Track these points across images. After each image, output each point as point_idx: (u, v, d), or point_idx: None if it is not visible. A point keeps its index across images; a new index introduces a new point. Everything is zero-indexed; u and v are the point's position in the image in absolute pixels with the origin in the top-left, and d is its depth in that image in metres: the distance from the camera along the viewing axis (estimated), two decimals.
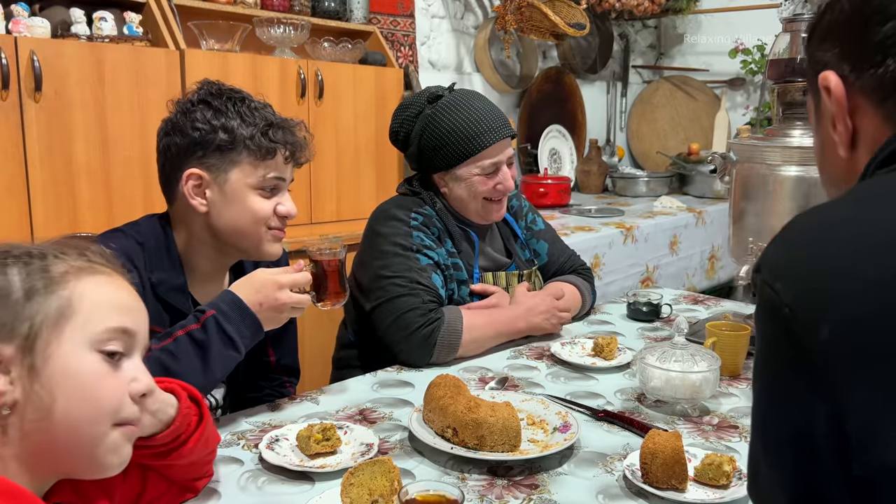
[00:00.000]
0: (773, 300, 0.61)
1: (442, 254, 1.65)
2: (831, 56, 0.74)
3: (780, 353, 0.62)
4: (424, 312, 1.51)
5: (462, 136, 1.63)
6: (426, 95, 1.70)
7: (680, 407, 1.31)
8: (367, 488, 0.95)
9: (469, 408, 1.12)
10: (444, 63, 3.48)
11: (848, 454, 0.56)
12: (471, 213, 1.72)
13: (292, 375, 1.54)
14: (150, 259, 1.27)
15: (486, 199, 1.69)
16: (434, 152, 1.67)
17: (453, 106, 1.66)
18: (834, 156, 0.77)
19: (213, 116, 1.25)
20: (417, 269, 1.57)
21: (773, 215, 1.57)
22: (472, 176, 1.66)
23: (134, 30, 2.18)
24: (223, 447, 1.15)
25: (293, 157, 1.32)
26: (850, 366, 0.56)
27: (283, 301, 1.21)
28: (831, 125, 0.76)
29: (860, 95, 0.72)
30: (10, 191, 1.90)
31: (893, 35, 0.68)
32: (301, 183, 2.46)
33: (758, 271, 0.65)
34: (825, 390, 0.57)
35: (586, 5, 3.55)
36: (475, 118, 1.64)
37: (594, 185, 4.02)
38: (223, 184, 1.27)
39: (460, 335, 1.52)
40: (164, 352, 1.13)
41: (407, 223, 1.63)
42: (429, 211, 1.68)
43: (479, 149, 1.64)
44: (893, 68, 0.68)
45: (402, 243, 1.59)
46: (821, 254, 0.61)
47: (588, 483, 1.06)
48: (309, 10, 2.70)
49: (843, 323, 0.57)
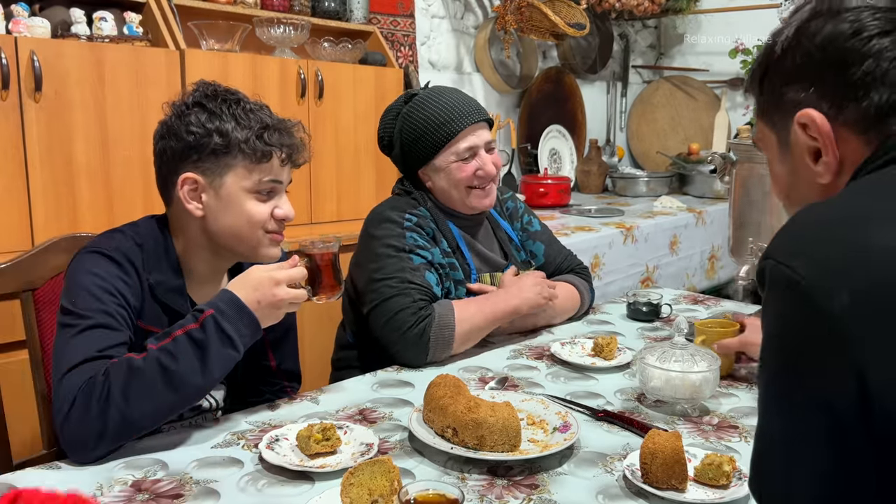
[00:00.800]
0: (789, 277, 0.64)
1: (436, 253, 1.65)
2: (806, 96, 0.80)
3: (800, 327, 0.64)
4: (415, 311, 1.51)
5: (434, 124, 1.65)
6: (403, 97, 1.74)
7: (680, 407, 1.31)
8: (367, 488, 0.95)
9: (469, 408, 1.12)
10: (444, 63, 3.48)
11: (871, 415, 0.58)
12: (457, 203, 1.72)
13: (293, 380, 1.54)
14: (148, 260, 1.27)
15: (469, 188, 1.69)
16: (412, 147, 1.69)
17: (426, 99, 1.69)
18: (809, 183, 0.84)
19: (208, 119, 1.24)
20: (410, 268, 1.57)
21: (773, 215, 1.57)
22: (450, 164, 1.66)
23: (134, 30, 2.18)
24: (223, 447, 1.16)
25: (290, 159, 1.31)
26: (873, 326, 0.59)
27: (281, 297, 1.21)
28: (810, 157, 0.82)
29: (843, 128, 0.79)
30: (10, 191, 1.90)
31: (873, 71, 0.75)
32: (301, 183, 2.46)
33: (767, 258, 0.68)
34: (848, 353, 0.60)
35: (586, 5, 3.55)
36: (446, 106, 1.67)
37: (594, 185, 4.02)
38: (219, 188, 1.26)
39: (453, 327, 1.52)
40: (163, 352, 1.13)
41: (400, 224, 1.63)
42: (423, 212, 1.68)
43: (451, 134, 1.65)
44: (877, 100, 0.76)
45: (396, 244, 1.59)
46: (831, 232, 0.66)
47: (588, 483, 1.06)
48: (309, 10, 2.70)
49: (861, 288, 0.61)
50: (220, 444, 1.17)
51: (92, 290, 1.19)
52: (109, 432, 1.08)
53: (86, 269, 1.22)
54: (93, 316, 1.17)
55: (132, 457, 1.11)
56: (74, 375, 1.11)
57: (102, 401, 1.08)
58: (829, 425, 0.61)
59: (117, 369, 1.10)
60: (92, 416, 1.08)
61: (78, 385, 1.09)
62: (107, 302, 1.19)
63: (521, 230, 1.90)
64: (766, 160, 1.57)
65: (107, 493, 1.01)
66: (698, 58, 4.60)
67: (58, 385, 1.12)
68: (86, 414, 1.08)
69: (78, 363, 1.12)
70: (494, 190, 1.74)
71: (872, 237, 0.63)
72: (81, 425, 1.08)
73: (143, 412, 1.10)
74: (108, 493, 1.01)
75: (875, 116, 0.76)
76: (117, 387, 1.09)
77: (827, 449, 0.61)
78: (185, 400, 1.15)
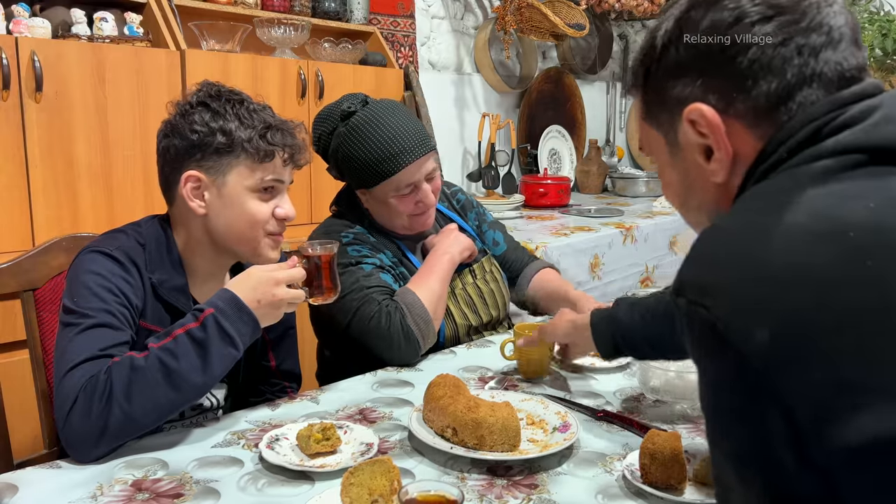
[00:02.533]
0: (705, 318, 0.61)
1: (385, 258, 1.63)
2: (692, 90, 0.76)
3: (722, 369, 0.61)
4: (386, 313, 1.50)
5: (374, 158, 1.55)
6: (339, 112, 1.61)
7: (679, 407, 1.31)
8: (367, 488, 0.95)
9: (469, 407, 1.12)
10: (444, 63, 3.48)
11: (807, 447, 0.55)
12: (395, 227, 1.67)
13: (293, 381, 1.54)
14: (150, 259, 1.28)
15: (409, 215, 1.64)
16: (349, 172, 1.62)
17: (365, 125, 1.57)
18: (703, 184, 0.79)
19: (212, 119, 1.25)
20: (363, 276, 1.55)
21: None
22: (388, 197, 1.60)
23: (134, 30, 2.18)
24: (223, 447, 1.16)
25: (292, 159, 1.31)
26: (795, 357, 0.56)
27: (280, 297, 1.21)
28: (701, 155, 0.77)
29: (733, 121, 0.74)
30: (11, 191, 1.90)
31: (759, 59, 0.72)
32: (301, 183, 2.47)
33: (679, 294, 0.64)
34: (772, 391, 0.56)
35: (586, 6, 3.56)
36: (388, 138, 1.55)
37: (594, 185, 4.02)
38: (221, 186, 1.27)
39: (424, 306, 1.52)
40: (164, 350, 1.13)
41: (340, 241, 1.53)
42: (359, 229, 1.65)
43: (392, 172, 1.56)
44: (765, 89, 0.72)
45: (341, 262, 1.54)
46: (740, 262, 0.61)
47: (587, 483, 1.06)
48: (309, 11, 2.70)
49: (779, 321, 0.57)
50: (221, 443, 1.17)
51: (94, 289, 1.20)
52: (111, 431, 1.09)
53: (88, 269, 1.22)
54: (95, 315, 1.17)
55: (132, 456, 1.11)
56: (76, 374, 1.11)
57: (104, 399, 1.08)
58: (768, 463, 0.58)
59: (119, 368, 1.11)
60: (94, 414, 1.08)
61: (79, 384, 1.10)
62: (109, 301, 1.20)
63: (476, 220, 1.89)
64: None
65: (107, 492, 1.02)
66: None
67: (59, 384, 1.12)
68: (87, 412, 1.08)
69: (80, 362, 1.12)
70: (433, 212, 1.69)
71: (782, 265, 0.59)
72: (83, 424, 1.08)
73: (144, 410, 1.10)
74: (108, 493, 1.01)
75: (765, 106, 0.72)
76: (119, 385, 1.09)
77: (771, 487, 0.58)
78: (187, 398, 1.16)
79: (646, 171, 4.32)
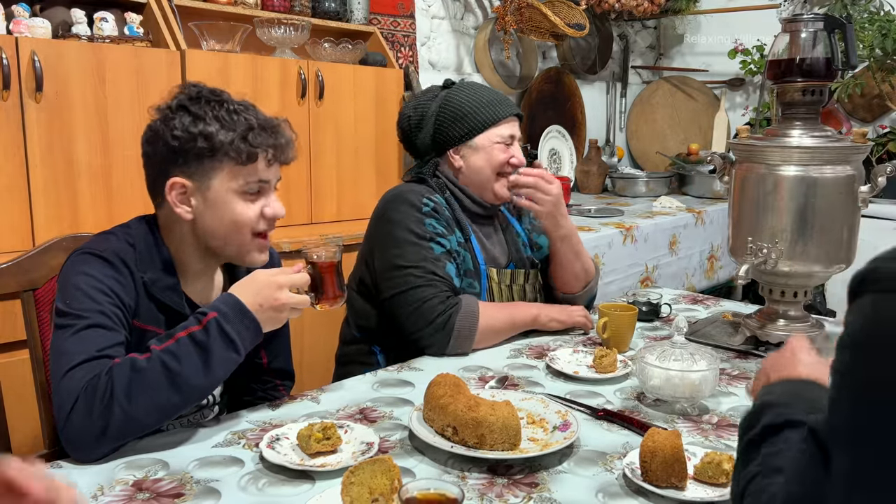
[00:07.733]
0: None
1: (453, 241, 1.67)
2: None
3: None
4: (443, 300, 1.56)
5: (481, 104, 1.73)
6: (436, 88, 1.80)
7: (679, 406, 1.31)
8: (368, 487, 0.95)
9: (469, 406, 1.12)
10: (444, 64, 3.48)
11: None
12: (481, 188, 1.75)
13: (286, 379, 1.54)
14: (141, 259, 1.27)
15: (499, 174, 1.73)
16: (453, 124, 1.73)
17: (468, 87, 1.78)
18: None
19: (192, 123, 1.23)
20: (432, 258, 1.60)
21: (772, 215, 1.57)
22: (493, 144, 1.72)
23: (134, 30, 2.18)
24: (223, 446, 1.16)
25: (276, 159, 1.30)
26: None
27: (283, 302, 1.21)
28: None
29: None
30: (11, 191, 1.90)
31: None
32: (301, 183, 2.46)
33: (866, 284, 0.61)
34: None
35: (586, 6, 3.56)
36: (490, 94, 1.77)
37: (594, 185, 4.02)
38: (206, 191, 1.26)
39: (478, 319, 1.56)
40: (166, 353, 1.13)
41: (419, 209, 1.65)
42: (438, 199, 1.71)
43: (497, 117, 1.73)
44: None
45: (416, 231, 1.62)
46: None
47: (588, 481, 1.06)
48: (309, 11, 2.70)
49: None
50: (221, 443, 1.17)
51: (86, 290, 1.19)
52: (111, 431, 1.09)
53: (79, 271, 1.22)
54: (89, 316, 1.17)
55: (133, 456, 1.11)
56: (76, 375, 1.11)
57: (106, 400, 1.08)
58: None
59: (120, 369, 1.11)
60: (94, 415, 1.08)
61: (80, 384, 1.10)
62: (102, 302, 1.19)
63: (528, 224, 1.94)
64: (765, 160, 1.57)
65: (108, 492, 1.02)
66: (697, 58, 4.61)
67: (58, 385, 1.12)
68: (88, 413, 1.08)
69: (78, 363, 1.12)
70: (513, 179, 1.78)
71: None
72: (84, 424, 1.08)
73: (146, 411, 1.11)
74: (109, 493, 1.01)
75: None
76: (121, 386, 1.09)
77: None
78: (188, 400, 1.16)
79: (646, 171, 4.32)
